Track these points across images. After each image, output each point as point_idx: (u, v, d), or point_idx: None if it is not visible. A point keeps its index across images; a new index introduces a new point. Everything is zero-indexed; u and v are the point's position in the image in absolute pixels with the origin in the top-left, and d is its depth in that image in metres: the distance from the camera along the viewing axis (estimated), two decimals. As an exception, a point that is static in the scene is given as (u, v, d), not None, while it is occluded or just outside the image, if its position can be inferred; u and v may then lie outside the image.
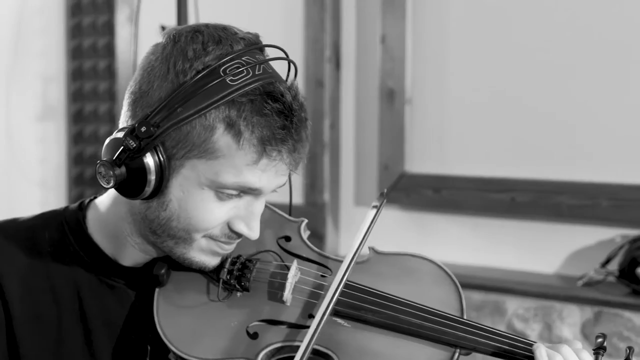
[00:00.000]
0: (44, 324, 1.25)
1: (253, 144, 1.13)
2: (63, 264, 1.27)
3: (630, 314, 2.43)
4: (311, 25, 3.06)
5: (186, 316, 1.24)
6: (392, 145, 2.91)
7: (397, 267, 1.31)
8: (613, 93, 2.55)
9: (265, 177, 1.16)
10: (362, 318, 1.23)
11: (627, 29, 2.53)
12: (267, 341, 1.21)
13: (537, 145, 2.68)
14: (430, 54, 2.86)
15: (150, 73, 1.17)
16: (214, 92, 1.12)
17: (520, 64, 2.70)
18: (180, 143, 1.14)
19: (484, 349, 1.20)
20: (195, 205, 1.17)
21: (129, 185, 1.16)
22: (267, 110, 1.12)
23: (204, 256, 1.23)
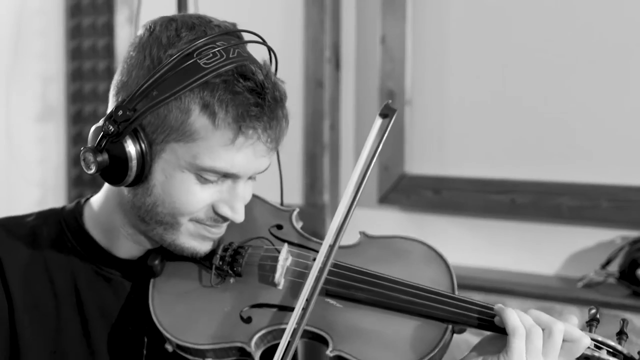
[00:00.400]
0: (43, 314, 1.29)
1: (228, 122, 1.15)
2: (61, 257, 1.31)
3: (631, 316, 2.42)
4: (311, 25, 3.06)
5: (181, 304, 1.26)
6: (392, 146, 2.90)
7: (388, 249, 1.32)
8: (613, 94, 2.55)
9: (243, 159, 1.18)
10: (353, 297, 1.24)
11: (627, 29, 2.52)
12: (260, 325, 1.22)
13: (537, 146, 2.67)
14: (430, 54, 2.86)
15: (129, 64, 1.21)
16: (188, 74, 1.15)
17: (520, 65, 2.69)
18: (159, 128, 1.17)
19: (476, 324, 1.22)
20: (178, 189, 1.19)
21: (112, 171, 1.19)
22: (239, 88, 1.15)
23: (193, 241, 1.25)
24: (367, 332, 1.21)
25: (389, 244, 1.34)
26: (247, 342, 1.20)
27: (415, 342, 1.20)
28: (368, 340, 1.20)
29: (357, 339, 1.20)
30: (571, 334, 1.18)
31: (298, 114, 3.12)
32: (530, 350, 1.16)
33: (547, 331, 1.17)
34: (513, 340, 1.15)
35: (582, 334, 1.20)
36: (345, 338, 1.20)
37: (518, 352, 1.15)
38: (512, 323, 1.16)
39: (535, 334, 1.16)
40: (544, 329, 1.17)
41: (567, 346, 1.18)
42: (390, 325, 1.22)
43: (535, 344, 1.16)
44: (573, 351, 1.19)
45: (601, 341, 1.23)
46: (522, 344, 1.15)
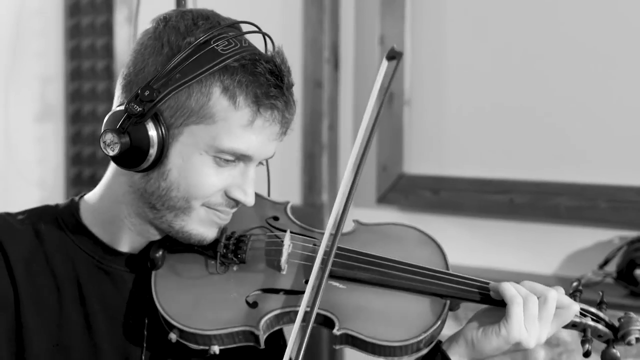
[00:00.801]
0: (46, 307, 1.30)
1: (248, 103, 1.20)
2: (61, 252, 1.32)
3: (628, 316, 2.43)
4: (310, 25, 3.06)
5: (186, 293, 1.28)
6: (390, 147, 2.91)
7: (383, 235, 1.40)
8: (611, 95, 2.55)
9: (259, 140, 1.23)
10: (356, 277, 1.29)
11: (623, 31, 2.53)
12: (267, 309, 1.25)
13: (535, 147, 2.68)
14: (428, 55, 2.86)
15: (143, 53, 1.24)
16: (207, 59, 1.19)
17: (518, 66, 2.70)
18: (179, 111, 1.20)
19: (472, 298, 1.29)
20: (194, 172, 1.22)
21: (131, 155, 1.21)
22: (260, 69, 1.21)
23: (202, 228, 1.28)
24: (371, 310, 1.26)
25: (383, 230, 1.42)
26: (256, 325, 1.23)
27: (418, 317, 1.26)
28: (372, 318, 1.26)
29: (361, 317, 1.25)
30: (562, 301, 1.27)
31: (297, 114, 3.12)
32: (527, 317, 1.24)
33: (542, 298, 1.25)
34: (512, 308, 1.23)
35: (572, 301, 1.29)
36: (350, 317, 1.24)
37: (517, 319, 1.23)
38: (509, 293, 1.24)
39: (531, 301, 1.24)
40: (539, 296, 1.26)
41: (559, 312, 1.26)
42: (393, 302, 1.28)
43: (532, 310, 1.24)
44: (564, 317, 1.27)
45: (585, 309, 1.31)
46: (520, 311, 1.23)
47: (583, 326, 1.30)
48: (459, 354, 1.28)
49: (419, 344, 1.26)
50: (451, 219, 2.83)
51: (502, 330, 1.24)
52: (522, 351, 1.29)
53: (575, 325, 1.30)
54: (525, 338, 1.24)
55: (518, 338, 1.24)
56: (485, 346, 1.26)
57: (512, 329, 1.23)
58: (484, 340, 1.26)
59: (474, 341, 1.27)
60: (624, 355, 2.44)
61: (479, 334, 1.26)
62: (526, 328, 1.24)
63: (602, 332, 1.32)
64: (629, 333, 1.31)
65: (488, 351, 1.26)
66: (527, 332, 1.24)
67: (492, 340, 1.25)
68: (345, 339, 1.25)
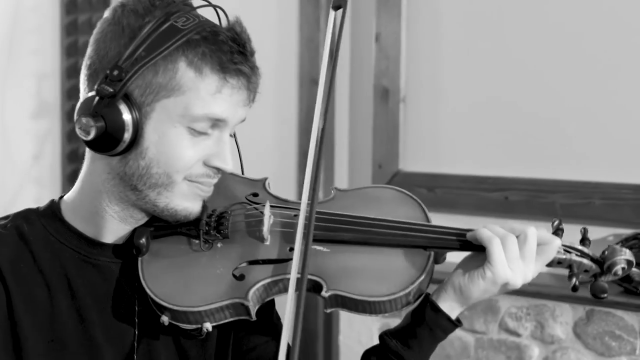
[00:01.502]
0: (38, 305, 1.31)
1: (214, 71, 1.23)
2: (47, 251, 1.33)
3: (622, 313, 2.44)
4: (306, 23, 3.07)
5: (173, 274, 1.30)
6: (386, 144, 2.91)
7: (362, 197, 1.42)
8: (606, 92, 2.56)
9: (230, 105, 1.26)
10: (339, 238, 1.31)
11: (618, 29, 2.54)
12: (254, 279, 1.26)
13: (530, 145, 2.69)
14: (424, 52, 2.87)
15: (104, 40, 1.26)
16: (169, 36, 1.22)
17: (513, 64, 2.70)
18: (148, 88, 1.23)
19: (452, 246, 1.32)
20: (171, 145, 1.24)
21: (107, 138, 1.23)
22: (222, 38, 1.24)
23: (186, 202, 1.29)
24: (357, 269, 1.28)
25: (361, 193, 1.43)
26: (244, 296, 1.24)
27: (403, 271, 1.28)
28: (359, 276, 1.27)
29: (348, 276, 1.26)
30: (543, 237, 1.27)
31: (293, 111, 3.13)
32: (509, 256, 1.25)
33: (522, 236, 1.27)
34: (491, 250, 1.25)
35: (553, 236, 1.29)
36: (337, 278, 1.26)
37: (499, 259, 1.25)
38: (486, 235, 1.27)
39: (509, 239, 1.26)
40: (518, 235, 1.27)
41: (541, 249, 1.27)
42: (378, 259, 1.29)
43: (512, 248, 1.25)
44: (547, 253, 1.27)
45: (569, 245, 1.32)
46: (500, 251, 1.25)
47: (568, 262, 1.31)
48: (448, 302, 1.30)
49: (407, 297, 1.26)
50: (446, 217, 2.82)
51: (487, 272, 1.25)
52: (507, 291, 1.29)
53: (561, 262, 1.30)
54: (510, 277, 1.25)
55: (504, 278, 1.25)
56: (473, 290, 1.27)
57: (496, 269, 1.25)
58: (470, 284, 1.27)
59: (462, 287, 1.29)
60: (618, 353, 2.45)
61: (466, 279, 1.28)
62: (510, 267, 1.25)
63: (588, 266, 1.32)
64: (615, 263, 1.31)
65: (476, 295, 1.28)
66: (512, 271, 1.25)
67: (479, 284, 1.27)
68: (335, 301, 1.26)
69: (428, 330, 1.30)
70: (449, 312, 1.30)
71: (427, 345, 1.31)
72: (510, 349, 2.64)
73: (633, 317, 2.42)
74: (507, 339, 2.65)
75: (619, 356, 2.45)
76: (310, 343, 3.12)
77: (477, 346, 2.70)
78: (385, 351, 1.31)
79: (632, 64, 2.52)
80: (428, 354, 1.33)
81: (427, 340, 1.31)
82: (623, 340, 2.44)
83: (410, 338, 1.31)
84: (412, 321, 1.31)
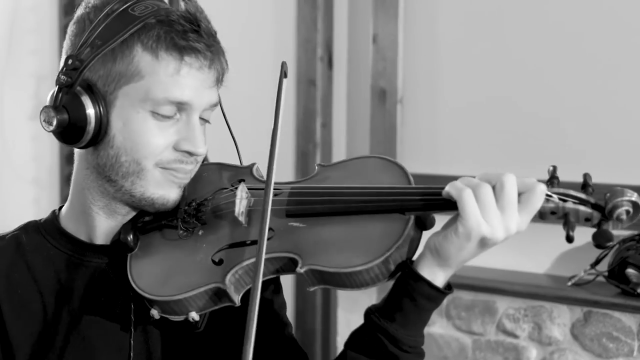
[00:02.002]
0: (30, 312, 1.32)
1: (170, 52, 1.22)
2: (42, 258, 1.35)
3: (620, 315, 2.43)
4: (303, 24, 3.07)
5: (155, 266, 1.29)
6: (383, 145, 2.91)
7: (345, 169, 1.34)
8: (605, 92, 2.56)
9: (191, 86, 1.24)
10: (312, 211, 1.25)
11: (618, 29, 2.54)
12: (232, 263, 1.24)
13: (527, 145, 2.69)
14: (421, 53, 2.87)
15: (71, 38, 1.28)
16: (125, 23, 1.23)
17: (511, 64, 2.70)
18: (109, 77, 1.23)
19: (425, 207, 1.19)
20: (137, 131, 1.24)
21: (71, 129, 1.23)
22: (173, 18, 1.23)
23: (161, 190, 1.28)
24: (332, 241, 1.22)
25: (345, 165, 1.36)
26: (221, 280, 1.22)
27: (379, 237, 1.19)
28: (334, 248, 1.20)
29: (324, 249, 1.20)
30: (524, 182, 1.15)
31: (290, 112, 3.13)
32: (483, 207, 1.12)
33: (498, 184, 1.13)
34: (461, 201, 1.12)
35: (535, 181, 1.15)
36: (312, 252, 1.20)
37: (471, 213, 1.12)
38: (455, 188, 1.14)
39: (483, 188, 1.13)
40: (495, 184, 1.14)
41: (525, 197, 1.14)
42: (353, 229, 1.22)
43: (486, 199, 1.12)
44: (532, 201, 1.14)
45: (562, 192, 1.17)
46: (472, 203, 1.12)
47: (563, 211, 1.15)
48: (427, 266, 1.18)
49: (387, 265, 1.18)
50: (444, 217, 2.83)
51: (460, 227, 1.13)
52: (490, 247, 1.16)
53: (554, 212, 1.15)
54: (485, 230, 1.12)
55: (477, 231, 1.12)
56: (449, 248, 1.15)
57: (467, 222, 1.12)
58: (445, 243, 1.15)
59: (437, 247, 1.16)
60: (615, 354, 2.44)
61: (440, 238, 1.16)
62: (485, 219, 1.12)
63: (587, 213, 1.16)
64: (617, 206, 1.13)
65: (453, 253, 1.16)
66: (487, 223, 1.12)
67: (454, 241, 1.14)
68: (313, 277, 1.20)
69: (410, 300, 1.19)
70: (430, 277, 1.18)
71: (413, 316, 1.20)
72: (507, 351, 2.64)
73: (630, 319, 2.42)
74: (505, 341, 2.64)
75: (617, 357, 2.44)
76: (308, 343, 3.12)
77: (475, 348, 2.70)
78: (370, 328, 1.22)
79: (632, 64, 2.52)
80: (418, 325, 1.21)
81: (412, 311, 1.19)
82: (620, 342, 2.44)
83: (394, 311, 1.20)
84: (393, 292, 1.21)
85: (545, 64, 2.64)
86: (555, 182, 1.19)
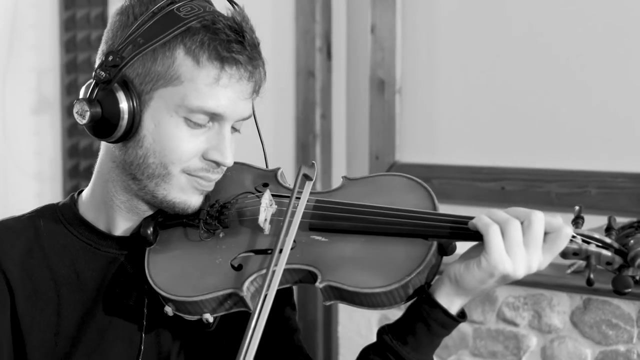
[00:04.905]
0: (44, 300, 1.32)
1: (211, 61, 1.21)
2: (59, 244, 1.35)
3: (619, 302, 2.44)
4: (302, 15, 3.07)
5: (174, 264, 1.29)
6: (382, 135, 2.92)
7: (370, 186, 1.34)
8: (602, 82, 2.56)
9: (228, 97, 1.23)
10: (336, 227, 1.25)
11: (616, 19, 2.53)
12: (251, 270, 1.24)
13: (526, 134, 2.69)
14: (420, 44, 2.87)
15: (113, 29, 1.27)
16: (170, 23, 1.22)
17: (509, 53, 2.70)
18: (147, 77, 1.22)
19: (452, 235, 1.19)
20: (167, 135, 1.24)
21: (104, 123, 1.23)
22: (219, 26, 1.21)
23: (184, 195, 1.28)
24: (353, 259, 1.22)
25: (371, 181, 1.36)
26: (239, 287, 1.21)
27: (401, 261, 1.19)
28: (355, 266, 1.20)
29: (344, 266, 1.20)
30: (551, 223, 1.15)
31: (289, 103, 3.14)
32: (509, 243, 1.13)
33: (526, 222, 1.14)
34: (487, 236, 1.13)
35: (562, 223, 1.16)
36: (332, 268, 1.20)
37: (496, 248, 1.13)
38: (482, 222, 1.15)
39: (511, 225, 1.13)
40: (523, 220, 1.15)
41: (550, 238, 1.15)
42: (375, 249, 1.22)
43: (513, 235, 1.13)
44: (557, 243, 1.15)
45: (587, 234, 1.18)
46: (497, 239, 1.13)
47: (585, 253, 1.16)
48: (445, 294, 1.19)
49: (406, 290, 1.18)
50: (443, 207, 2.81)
51: (483, 261, 1.14)
52: (509, 282, 1.17)
53: (577, 253, 1.16)
54: (509, 267, 1.13)
55: (501, 268, 1.13)
56: (470, 280, 1.16)
57: (491, 257, 1.13)
58: (466, 274, 1.16)
59: (457, 277, 1.17)
60: (615, 341, 2.45)
61: (462, 268, 1.16)
62: (509, 255, 1.13)
63: (610, 258, 1.16)
64: (639, 255, 1.14)
65: (473, 285, 1.16)
66: (511, 259, 1.13)
67: (475, 274, 1.15)
68: (331, 292, 1.21)
69: (424, 325, 1.19)
70: (447, 305, 1.19)
71: (426, 340, 1.21)
72: (508, 339, 2.64)
73: (630, 306, 2.42)
74: (505, 329, 2.65)
75: (616, 345, 2.45)
76: (310, 334, 3.13)
77: (475, 336, 2.70)
78: (382, 347, 1.22)
79: (627, 53, 2.52)
80: (428, 349, 1.22)
81: (425, 336, 1.20)
82: (620, 329, 2.44)
83: (407, 333, 1.21)
84: (408, 315, 1.22)
85: (543, 53, 2.64)
86: (580, 222, 1.21)
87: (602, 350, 2.47)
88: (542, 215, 1.15)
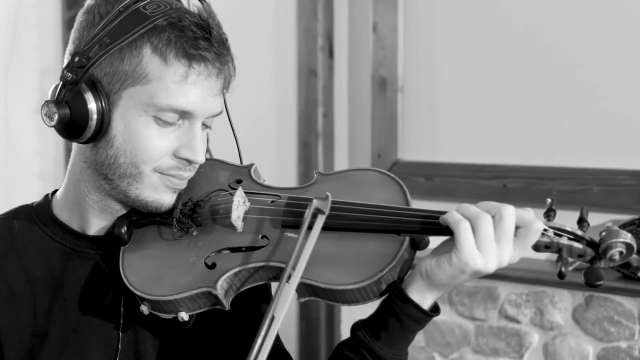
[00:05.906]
0: (20, 302, 1.32)
1: (178, 58, 1.20)
2: (33, 245, 1.34)
3: (621, 299, 2.45)
4: (304, 14, 3.07)
5: (148, 263, 1.28)
6: (384, 134, 2.92)
7: (343, 181, 1.34)
8: (603, 80, 2.56)
9: (197, 95, 1.22)
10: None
11: (617, 14, 2.54)
12: (225, 267, 1.24)
13: (528, 132, 2.69)
14: (421, 42, 2.88)
15: (79, 29, 1.26)
16: (135, 22, 1.20)
17: (511, 52, 2.71)
18: (115, 76, 1.21)
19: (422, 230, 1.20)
20: (137, 135, 1.22)
21: (73, 124, 1.22)
22: (185, 24, 1.20)
23: (157, 194, 1.27)
24: (325, 256, 1.21)
25: (344, 176, 1.35)
26: (213, 285, 1.21)
27: (373, 257, 1.20)
28: (327, 263, 1.20)
29: (315, 264, 1.19)
30: (522, 217, 1.14)
31: (292, 102, 3.14)
32: (480, 240, 1.13)
33: (497, 216, 1.14)
34: (457, 233, 1.13)
35: (534, 217, 1.15)
36: (306, 265, 1.18)
37: (467, 244, 1.13)
38: (453, 218, 1.15)
39: (482, 220, 1.13)
40: (494, 215, 1.14)
41: (521, 232, 1.15)
42: (348, 245, 1.22)
43: (484, 230, 1.13)
44: (528, 237, 1.15)
45: (558, 227, 1.17)
46: (468, 235, 1.13)
47: (557, 246, 1.16)
48: (417, 289, 1.19)
49: (379, 285, 1.19)
50: (445, 205, 2.83)
51: (454, 258, 1.14)
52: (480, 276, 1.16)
53: (548, 246, 1.16)
54: (479, 263, 1.13)
55: (472, 264, 1.13)
56: (441, 277, 1.16)
57: (462, 254, 1.13)
58: (437, 270, 1.16)
59: (429, 272, 1.17)
60: (617, 338, 2.46)
61: (432, 264, 1.17)
62: (480, 251, 1.13)
63: (581, 250, 1.17)
64: (611, 247, 1.14)
65: (444, 281, 1.17)
66: (482, 255, 1.13)
67: (446, 270, 1.15)
68: (305, 289, 1.21)
69: (397, 320, 1.20)
70: (419, 300, 1.19)
71: (399, 336, 1.21)
72: (510, 336, 2.65)
73: (632, 303, 2.43)
74: (507, 326, 2.66)
75: (618, 341, 2.46)
76: (312, 333, 3.14)
77: (477, 333, 2.71)
78: (355, 343, 1.23)
79: (629, 51, 2.52)
80: (402, 344, 1.22)
81: (398, 331, 1.21)
82: (622, 326, 2.45)
83: (380, 329, 1.21)
84: (381, 311, 1.22)
85: (544, 51, 2.65)
86: (552, 215, 1.20)
87: (603, 347, 2.48)
88: (513, 210, 1.14)
